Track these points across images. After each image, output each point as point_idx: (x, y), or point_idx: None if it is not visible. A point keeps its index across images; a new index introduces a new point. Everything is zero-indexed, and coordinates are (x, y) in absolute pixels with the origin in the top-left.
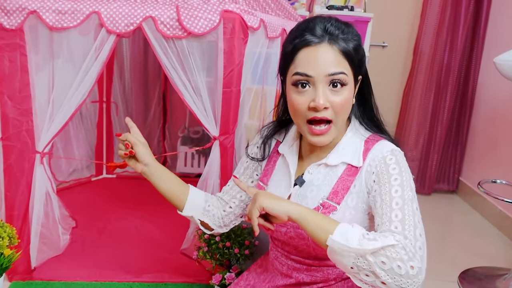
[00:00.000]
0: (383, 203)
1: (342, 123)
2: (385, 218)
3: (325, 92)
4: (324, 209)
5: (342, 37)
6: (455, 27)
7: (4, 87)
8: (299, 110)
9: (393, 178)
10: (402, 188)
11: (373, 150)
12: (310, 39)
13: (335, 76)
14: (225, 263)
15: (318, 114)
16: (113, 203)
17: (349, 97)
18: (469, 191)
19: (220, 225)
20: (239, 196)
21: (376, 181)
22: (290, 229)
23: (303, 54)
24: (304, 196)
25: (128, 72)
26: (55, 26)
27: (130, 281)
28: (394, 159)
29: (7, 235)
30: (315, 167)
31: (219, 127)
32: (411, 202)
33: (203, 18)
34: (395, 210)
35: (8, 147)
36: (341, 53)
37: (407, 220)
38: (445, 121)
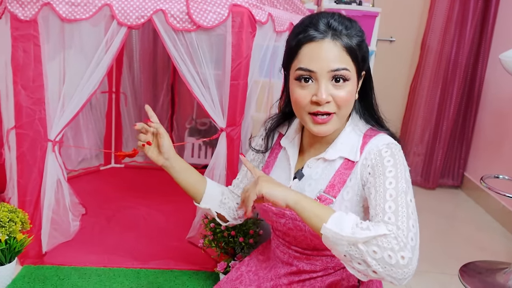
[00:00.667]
0: (377, 195)
1: (344, 115)
2: (378, 209)
3: (328, 87)
4: (321, 202)
5: (346, 33)
6: (463, 23)
7: (18, 76)
8: (302, 103)
9: (387, 170)
10: (396, 180)
11: (370, 144)
12: (313, 34)
13: (338, 72)
14: (230, 251)
15: (321, 108)
16: (121, 192)
17: (351, 92)
18: (473, 187)
19: (235, 217)
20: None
21: (371, 173)
22: (288, 221)
23: (306, 50)
24: (303, 189)
25: (137, 63)
26: (68, 18)
27: (137, 267)
28: (389, 152)
29: (19, 220)
30: (314, 161)
31: (226, 119)
32: (405, 194)
33: (212, 12)
34: (388, 202)
35: (21, 135)
36: (344, 49)
37: (400, 211)
38: (451, 116)
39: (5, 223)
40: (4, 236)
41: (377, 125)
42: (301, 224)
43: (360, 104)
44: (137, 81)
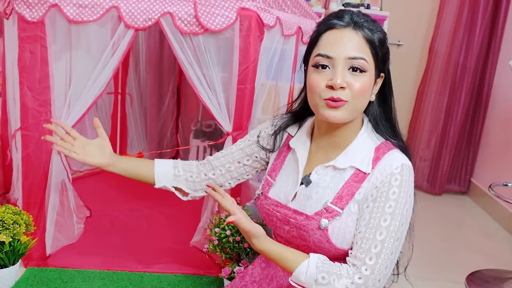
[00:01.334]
0: (368, 227)
1: (356, 108)
2: (365, 244)
3: (344, 73)
4: (327, 214)
5: (368, 26)
6: (472, 27)
7: (25, 77)
8: (317, 88)
9: (387, 205)
10: (392, 217)
11: (383, 161)
12: (335, 22)
13: (356, 60)
14: (235, 257)
15: (335, 94)
16: (126, 194)
17: (367, 84)
18: (480, 193)
19: (196, 188)
20: (228, 166)
21: (373, 197)
22: (292, 228)
23: (326, 36)
24: (309, 197)
25: (144, 65)
26: (75, 20)
27: (141, 271)
28: (399, 181)
29: (24, 222)
30: (323, 169)
31: (232, 123)
32: (395, 233)
33: (220, 15)
34: (376, 241)
35: (26, 136)
36: (365, 40)
37: (383, 254)
38: (458, 121)
39: (9, 225)
40: (8, 238)
41: (392, 133)
42: (306, 234)
43: (378, 108)
44: (143, 83)
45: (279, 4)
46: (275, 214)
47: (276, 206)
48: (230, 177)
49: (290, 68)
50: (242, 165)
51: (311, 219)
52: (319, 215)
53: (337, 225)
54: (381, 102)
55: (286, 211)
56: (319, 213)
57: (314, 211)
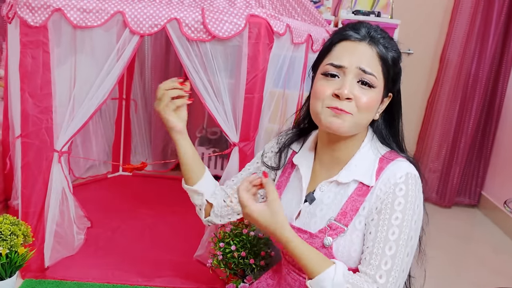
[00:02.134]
0: (376, 242)
1: (359, 122)
2: (374, 260)
3: (353, 85)
4: (331, 231)
5: (384, 43)
6: (484, 36)
7: (26, 83)
8: (321, 94)
9: (393, 216)
10: (400, 229)
11: (387, 170)
12: (351, 34)
13: (365, 74)
14: (240, 273)
15: (339, 105)
16: (128, 202)
17: (375, 100)
18: (491, 206)
19: (218, 214)
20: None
21: (378, 210)
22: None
23: (340, 47)
24: (314, 214)
25: (149, 70)
26: (79, 25)
27: (142, 284)
28: (404, 190)
29: (21, 233)
30: (327, 185)
31: (239, 134)
32: (404, 248)
33: (228, 22)
34: (386, 257)
35: (26, 144)
36: (378, 56)
37: (394, 271)
38: (469, 132)
39: (6, 237)
40: (5, 250)
41: (396, 147)
42: None
43: (383, 128)
44: (148, 88)
45: (289, 11)
46: None
47: None
48: None
49: (299, 77)
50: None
51: (315, 237)
52: (323, 233)
53: (342, 242)
54: (387, 123)
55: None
56: (323, 230)
57: (318, 228)
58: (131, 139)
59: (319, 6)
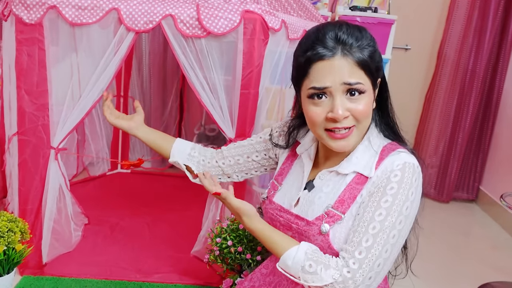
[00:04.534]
0: (362, 221)
1: (364, 128)
2: (356, 238)
3: (343, 101)
4: (329, 218)
5: (356, 45)
6: (482, 32)
7: (22, 81)
8: (317, 121)
9: (383, 199)
10: (387, 212)
11: (386, 161)
12: (322, 52)
13: (352, 86)
14: (236, 268)
15: (339, 124)
16: (127, 199)
17: (368, 104)
18: (489, 201)
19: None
20: (237, 158)
21: (370, 193)
22: (295, 234)
23: (317, 68)
24: (312, 202)
25: (147, 67)
26: (75, 22)
27: (140, 280)
28: (398, 177)
29: (19, 230)
30: (327, 174)
31: (235, 129)
32: (390, 230)
33: (223, 18)
34: (367, 235)
35: (23, 141)
36: (357, 64)
37: (374, 249)
38: (467, 128)
39: (3, 233)
40: (2, 247)
41: (394, 136)
42: (307, 240)
43: (377, 113)
44: (146, 86)
45: (285, 7)
46: (278, 219)
47: (279, 211)
48: (238, 170)
49: None
50: (250, 160)
51: (311, 224)
52: (320, 220)
53: (339, 229)
54: (379, 106)
55: (288, 216)
56: (320, 218)
57: (315, 216)
58: (129, 137)
59: (316, 2)
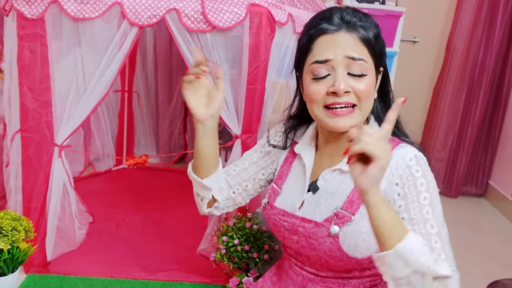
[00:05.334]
0: (415, 224)
1: (365, 111)
2: (425, 240)
3: (345, 77)
4: (338, 220)
5: (361, 24)
6: (491, 24)
7: (24, 78)
8: (317, 97)
9: (422, 196)
10: (432, 208)
11: (394, 156)
12: (326, 27)
13: (355, 62)
14: (243, 266)
15: (340, 99)
16: (132, 195)
17: (371, 84)
18: (499, 196)
19: (220, 207)
20: (245, 185)
21: (401, 195)
22: (301, 238)
23: (320, 42)
24: (318, 203)
25: (151, 62)
26: (77, 17)
27: (145, 278)
28: (420, 171)
29: (23, 228)
30: (330, 173)
31: (241, 126)
32: (442, 223)
33: (229, 12)
34: (433, 236)
35: (26, 139)
36: (361, 41)
37: (445, 245)
38: (476, 121)
39: (7, 232)
40: (6, 246)
41: (398, 133)
42: (315, 243)
43: (378, 104)
44: (150, 80)
45: (291, 0)
46: (282, 224)
47: (282, 216)
48: (247, 195)
49: None
50: (257, 181)
51: (320, 226)
52: (329, 222)
53: (349, 231)
54: (381, 97)
55: (293, 220)
56: (329, 219)
57: (323, 218)
58: (134, 132)
59: None
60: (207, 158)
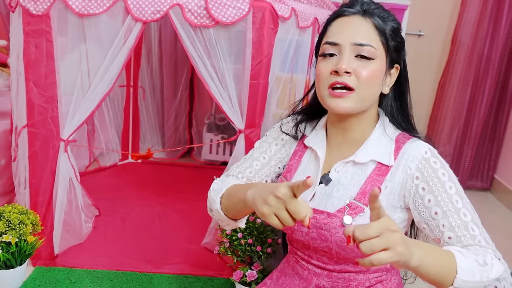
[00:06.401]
0: (450, 215)
1: (365, 95)
2: (462, 231)
3: (350, 59)
4: (351, 210)
5: (378, 13)
6: (497, 17)
7: (30, 73)
8: (322, 75)
9: (447, 185)
10: (460, 197)
11: (407, 149)
12: (344, 9)
13: (363, 47)
14: (247, 260)
15: (339, 79)
16: (138, 189)
17: (377, 72)
18: (504, 190)
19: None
20: (265, 181)
21: (426, 189)
22: (312, 229)
23: (334, 24)
24: (330, 195)
25: (156, 57)
26: (82, 12)
27: (151, 271)
28: (438, 162)
29: (30, 222)
30: (343, 165)
31: (245, 120)
32: (472, 209)
33: (232, 7)
34: (469, 223)
35: (33, 134)
36: (374, 27)
37: (481, 229)
38: (481, 115)
39: (15, 225)
40: (14, 239)
41: (409, 127)
42: (327, 234)
43: (395, 103)
44: (156, 75)
45: None
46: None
47: None
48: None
49: (306, 61)
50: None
51: (333, 217)
52: (341, 212)
53: (362, 222)
54: (398, 97)
55: None
56: (341, 210)
57: (336, 208)
58: (139, 126)
59: None
60: (249, 211)
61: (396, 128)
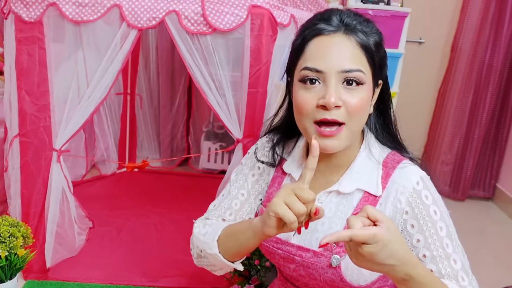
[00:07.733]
0: (440, 262)
1: (354, 130)
2: (449, 279)
3: (338, 89)
4: (339, 248)
5: (361, 29)
6: (499, 23)
7: (22, 81)
8: (306, 108)
9: (438, 226)
10: (450, 237)
11: (396, 177)
12: (323, 27)
13: (351, 73)
14: (245, 273)
15: (328, 115)
16: (134, 198)
17: (365, 99)
18: (507, 199)
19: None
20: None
21: (416, 228)
22: (299, 267)
23: (314, 45)
24: (315, 230)
25: (154, 64)
26: (75, 19)
27: (146, 285)
28: (430, 197)
29: (21, 234)
30: (325, 195)
31: (243, 129)
32: (461, 250)
33: (229, 13)
34: (459, 272)
35: (25, 143)
36: (360, 46)
37: (470, 276)
38: (483, 123)
39: (5, 239)
40: (4, 252)
41: (395, 145)
42: (315, 273)
43: (378, 120)
44: (153, 83)
45: (294, 1)
46: (277, 251)
47: (276, 243)
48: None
49: None
50: (254, 208)
51: (320, 256)
52: (329, 251)
53: (350, 261)
54: (380, 112)
55: (289, 248)
56: (328, 248)
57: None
58: (136, 135)
59: None
60: (249, 251)
61: (383, 145)
